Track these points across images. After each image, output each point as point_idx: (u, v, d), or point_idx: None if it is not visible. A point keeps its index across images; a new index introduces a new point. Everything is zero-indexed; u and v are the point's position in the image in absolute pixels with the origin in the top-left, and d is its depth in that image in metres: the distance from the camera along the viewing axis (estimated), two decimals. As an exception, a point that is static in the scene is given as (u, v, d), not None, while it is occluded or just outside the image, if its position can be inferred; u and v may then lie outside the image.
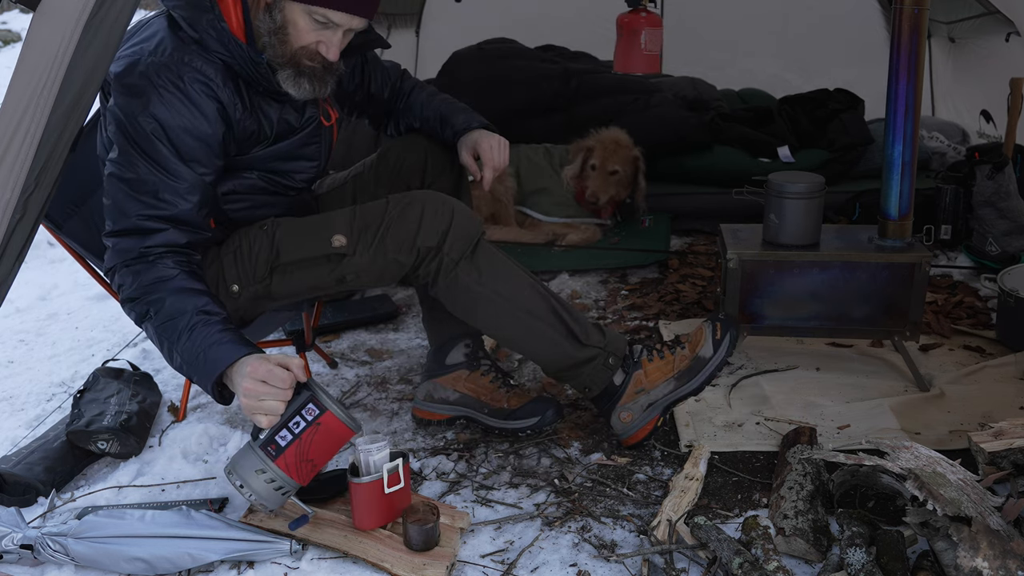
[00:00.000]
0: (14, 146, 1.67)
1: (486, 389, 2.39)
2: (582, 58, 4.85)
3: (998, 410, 2.39)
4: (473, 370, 2.42)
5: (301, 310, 2.37)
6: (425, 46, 5.57)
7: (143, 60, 1.92)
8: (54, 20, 1.66)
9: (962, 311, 3.08)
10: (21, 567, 1.89)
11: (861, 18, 5.11)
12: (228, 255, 2.12)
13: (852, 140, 4.13)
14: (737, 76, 5.23)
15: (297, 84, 2.02)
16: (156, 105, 1.90)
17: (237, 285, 2.12)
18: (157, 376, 2.69)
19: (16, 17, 12.05)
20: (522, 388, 2.46)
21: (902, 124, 2.48)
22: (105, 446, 2.27)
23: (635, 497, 2.12)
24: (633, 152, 3.80)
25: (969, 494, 1.76)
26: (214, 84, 1.95)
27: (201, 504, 2.08)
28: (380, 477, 1.91)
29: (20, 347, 3.10)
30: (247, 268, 2.11)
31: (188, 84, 1.92)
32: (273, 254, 2.10)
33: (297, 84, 2.02)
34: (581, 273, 3.52)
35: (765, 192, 2.60)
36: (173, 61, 1.91)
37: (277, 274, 2.11)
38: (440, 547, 1.89)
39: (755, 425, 2.40)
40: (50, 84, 1.66)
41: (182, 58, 1.92)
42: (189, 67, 1.92)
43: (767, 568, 1.71)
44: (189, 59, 1.93)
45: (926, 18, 2.43)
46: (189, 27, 1.94)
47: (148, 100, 1.90)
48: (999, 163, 3.48)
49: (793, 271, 2.54)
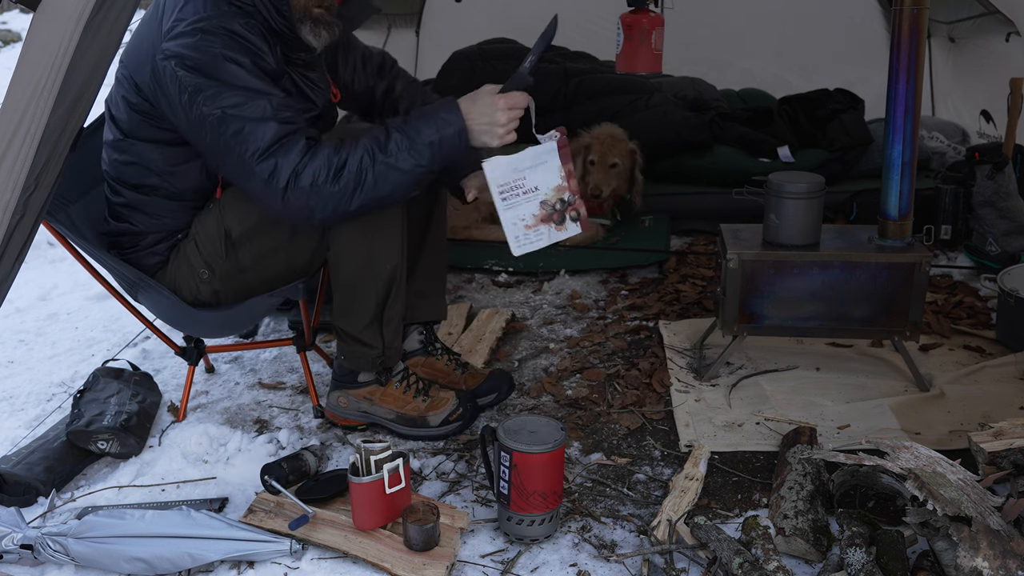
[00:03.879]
0: (14, 146, 1.68)
1: (442, 373, 2.53)
2: (582, 58, 4.85)
3: (998, 410, 2.39)
4: (428, 356, 2.55)
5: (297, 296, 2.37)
6: (425, 46, 5.57)
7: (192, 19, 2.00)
8: (54, 20, 1.66)
9: (962, 311, 3.08)
10: (21, 567, 1.89)
11: (861, 18, 5.12)
12: (189, 244, 2.27)
13: (852, 140, 4.13)
14: (737, 76, 5.23)
15: (316, 33, 2.16)
16: (227, 49, 1.99)
17: (205, 269, 2.26)
18: (157, 376, 2.69)
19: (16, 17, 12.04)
20: (474, 368, 2.59)
21: (902, 124, 2.48)
22: (105, 446, 2.27)
23: (635, 497, 2.12)
24: (630, 145, 3.81)
25: (969, 494, 1.76)
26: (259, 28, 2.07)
27: (201, 504, 2.08)
28: (380, 477, 1.91)
29: (20, 347, 3.10)
30: (208, 251, 2.24)
31: (242, 29, 2.03)
32: (223, 232, 2.22)
33: (316, 33, 2.16)
34: (581, 273, 3.52)
35: (765, 192, 2.60)
36: (220, 12, 2.02)
37: (237, 248, 2.24)
38: (440, 547, 1.89)
39: (755, 425, 2.40)
40: (50, 84, 1.67)
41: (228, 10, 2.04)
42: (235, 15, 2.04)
43: (767, 568, 1.71)
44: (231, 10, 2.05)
45: (926, 18, 2.43)
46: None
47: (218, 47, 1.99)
48: (999, 163, 3.48)
49: (793, 271, 2.54)
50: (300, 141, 2.00)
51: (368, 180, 2.01)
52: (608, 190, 3.76)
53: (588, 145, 3.79)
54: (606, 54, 4.79)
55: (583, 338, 2.97)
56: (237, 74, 1.99)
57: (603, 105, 4.32)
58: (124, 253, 2.30)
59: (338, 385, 2.41)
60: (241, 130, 1.98)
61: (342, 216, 2.07)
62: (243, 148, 1.98)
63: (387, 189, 2.03)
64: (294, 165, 1.97)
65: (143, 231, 2.28)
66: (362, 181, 2.00)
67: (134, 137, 2.19)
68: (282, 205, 2.02)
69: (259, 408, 2.58)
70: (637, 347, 2.91)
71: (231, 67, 1.99)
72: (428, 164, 2.04)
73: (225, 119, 1.98)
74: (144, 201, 2.25)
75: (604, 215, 3.85)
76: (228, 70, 1.99)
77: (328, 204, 2.01)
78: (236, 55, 2.00)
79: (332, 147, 2.01)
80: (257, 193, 2.05)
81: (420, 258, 2.47)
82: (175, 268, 2.29)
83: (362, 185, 2.00)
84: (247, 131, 1.97)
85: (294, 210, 2.03)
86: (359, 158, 2.00)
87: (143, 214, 2.26)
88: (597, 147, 3.77)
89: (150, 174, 2.21)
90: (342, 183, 1.99)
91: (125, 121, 2.18)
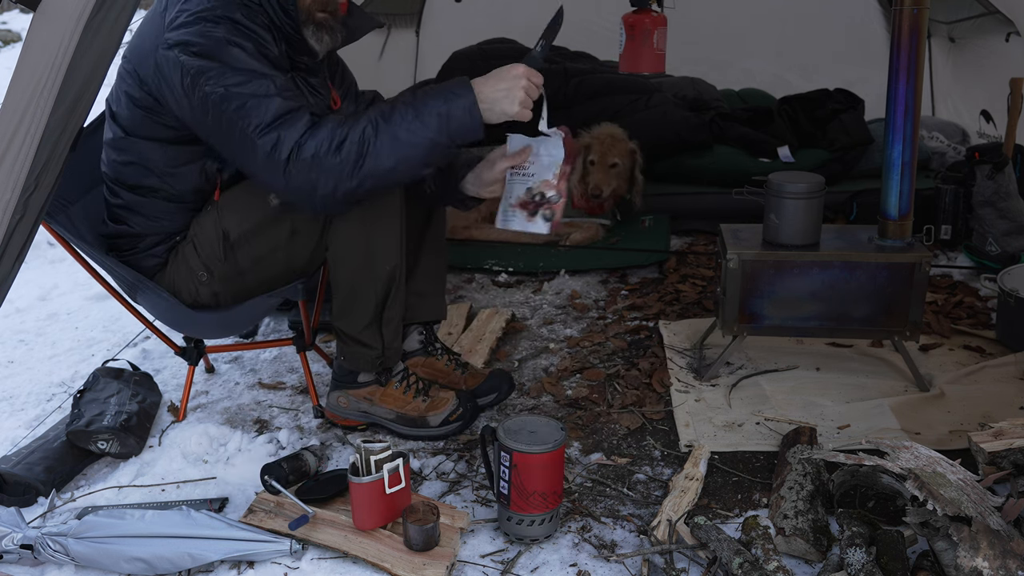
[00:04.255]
0: (14, 146, 1.67)
1: (442, 373, 2.53)
2: (582, 58, 4.86)
3: (998, 410, 2.39)
4: (428, 356, 2.55)
5: (296, 297, 2.38)
6: (425, 46, 5.57)
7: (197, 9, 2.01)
8: (54, 20, 1.66)
9: (962, 311, 3.08)
10: (21, 567, 1.89)
11: (861, 18, 5.12)
12: (187, 246, 2.27)
13: (852, 140, 4.13)
14: (737, 76, 5.23)
15: (319, 38, 2.18)
16: (230, 34, 2.00)
17: (204, 272, 2.26)
18: (157, 376, 2.69)
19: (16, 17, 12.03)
20: (474, 368, 2.59)
21: (902, 124, 2.48)
22: (105, 446, 2.27)
23: (635, 497, 2.12)
24: (629, 145, 3.82)
25: (969, 494, 1.76)
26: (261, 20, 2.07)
27: (201, 504, 2.08)
28: (380, 477, 1.91)
29: (20, 347, 3.10)
30: (206, 253, 2.24)
31: (246, 17, 2.04)
32: (221, 234, 2.22)
33: (319, 38, 2.18)
34: (581, 273, 3.52)
35: (765, 192, 2.60)
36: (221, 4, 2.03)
37: (236, 250, 2.23)
38: (440, 547, 1.89)
39: (755, 425, 2.40)
40: (50, 84, 1.67)
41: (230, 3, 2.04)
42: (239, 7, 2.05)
43: (767, 568, 1.71)
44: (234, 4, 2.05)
45: (926, 18, 2.43)
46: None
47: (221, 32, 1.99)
48: (999, 163, 3.48)
49: (793, 271, 2.53)
50: (304, 116, 1.97)
51: (371, 151, 1.94)
52: (608, 190, 3.76)
53: (588, 145, 3.79)
54: (606, 54, 4.80)
55: (583, 338, 2.97)
56: (239, 56, 1.99)
57: (603, 105, 4.32)
58: (123, 255, 2.30)
59: (338, 385, 2.41)
60: (244, 104, 1.96)
61: (345, 194, 1.99)
62: (246, 122, 1.96)
63: (391, 161, 1.96)
64: (297, 137, 1.94)
65: (141, 233, 2.28)
66: (364, 152, 1.94)
67: (135, 135, 2.18)
68: (284, 179, 1.97)
69: (259, 408, 2.58)
70: (637, 347, 2.91)
71: (234, 50, 1.99)
72: (435, 136, 1.96)
73: (228, 96, 1.97)
74: (142, 203, 2.25)
75: (604, 215, 3.85)
76: (231, 52, 1.98)
77: (330, 178, 1.95)
78: (239, 39, 2.00)
79: (337, 121, 1.98)
80: (259, 170, 2.01)
81: (420, 258, 2.47)
82: (174, 270, 2.29)
83: (364, 156, 1.94)
84: (250, 106, 1.96)
85: (296, 186, 1.98)
86: (362, 128, 1.95)
87: (141, 216, 2.26)
88: (597, 147, 3.77)
89: (149, 174, 2.21)
90: (343, 153, 1.94)
91: (127, 118, 2.18)
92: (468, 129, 1.99)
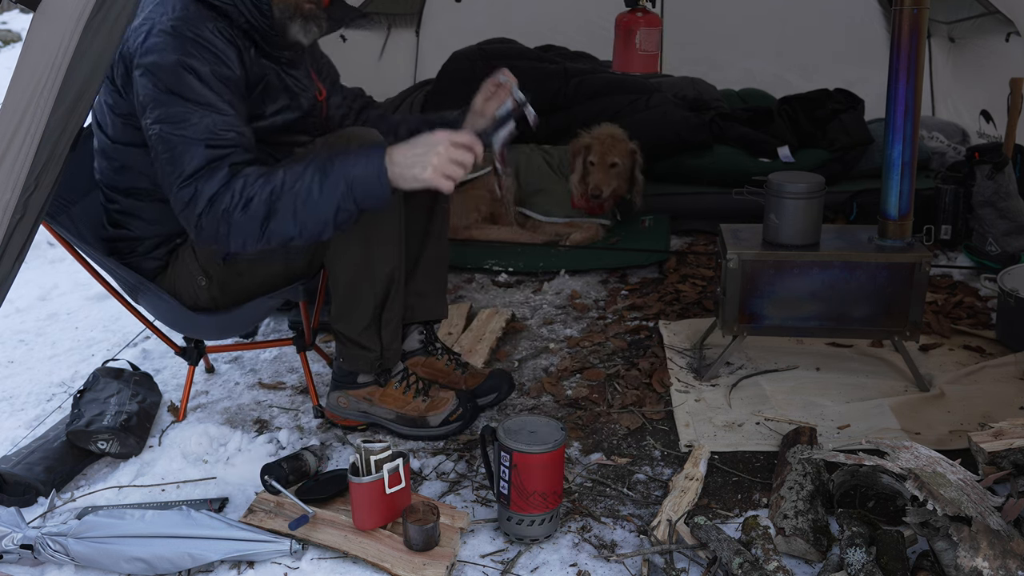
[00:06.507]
0: (14, 146, 1.67)
1: (442, 373, 2.52)
2: (582, 58, 4.85)
3: (998, 410, 2.39)
4: (428, 355, 2.55)
5: (296, 297, 2.38)
6: (425, 46, 5.57)
7: (160, 21, 2.01)
8: (54, 20, 1.66)
9: (962, 311, 3.08)
10: (21, 567, 1.89)
11: (861, 18, 5.12)
12: (187, 249, 2.27)
13: (852, 140, 4.13)
14: (737, 76, 5.23)
15: (306, 29, 2.18)
16: (186, 55, 1.99)
17: (203, 276, 2.26)
18: (157, 376, 2.70)
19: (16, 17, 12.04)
20: (474, 368, 2.59)
21: (902, 124, 2.48)
22: (105, 446, 2.27)
23: (635, 497, 2.12)
24: (630, 145, 3.81)
25: (969, 494, 1.76)
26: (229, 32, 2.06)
27: (201, 504, 2.08)
28: (380, 477, 1.91)
29: (20, 347, 3.10)
30: (204, 256, 2.24)
31: (209, 33, 2.03)
32: None
33: (306, 29, 2.18)
34: (581, 273, 3.52)
35: (765, 192, 2.60)
36: (189, 15, 2.03)
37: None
38: (440, 547, 1.89)
39: (755, 425, 2.40)
40: (50, 84, 1.66)
41: (197, 12, 2.04)
42: (205, 19, 2.03)
43: (767, 568, 1.71)
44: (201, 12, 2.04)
45: (926, 18, 2.43)
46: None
47: (177, 53, 1.98)
48: (999, 163, 3.48)
49: (793, 271, 2.54)
50: (223, 169, 1.96)
51: (275, 213, 1.94)
52: (608, 190, 3.75)
53: (588, 145, 3.79)
54: (606, 54, 4.77)
55: (583, 338, 2.97)
56: (189, 84, 1.97)
57: (603, 105, 4.31)
58: (123, 258, 2.29)
59: (338, 385, 2.41)
60: (172, 150, 1.98)
61: (256, 247, 2.01)
62: (170, 168, 1.99)
63: (293, 227, 1.96)
64: (211, 193, 1.95)
65: (140, 236, 2.28)
66: (270, 213, 1.94)
67: (119, 142, 2.19)
68: (195, 231, 2.00)
69: (259, 408, 2.58)
70: (637, 347, 2.91)
71: (186, 76, 1.97)
72: (340, 201, 1.94)
73: (161, 138, 1.98)
74: (139, 207, 2.25)
75: (604, 215, 3.85)
76: (181, 79, 1.97)
77: (239, 234, 1.97)
78: (194, 63, 1.99)
79: (257, 173, 1.97)
80: (177, 213, 2.03)
81: (421, 257, 2.47)
82: (174, 273, 2.29)
83: (269, 218, 1.95)
84: (177, 153, 1.97)
85: (206, 237, 2.00)
86: (270, 189, 1.94)
87: (139, 220, 2.26)
88: (597, 147, 3.77)
89: (142, 178, 2.20)
90: (250, 212, 1.94)
91: (110, 125, 2.19)
92: (375, 196, 1.95)
